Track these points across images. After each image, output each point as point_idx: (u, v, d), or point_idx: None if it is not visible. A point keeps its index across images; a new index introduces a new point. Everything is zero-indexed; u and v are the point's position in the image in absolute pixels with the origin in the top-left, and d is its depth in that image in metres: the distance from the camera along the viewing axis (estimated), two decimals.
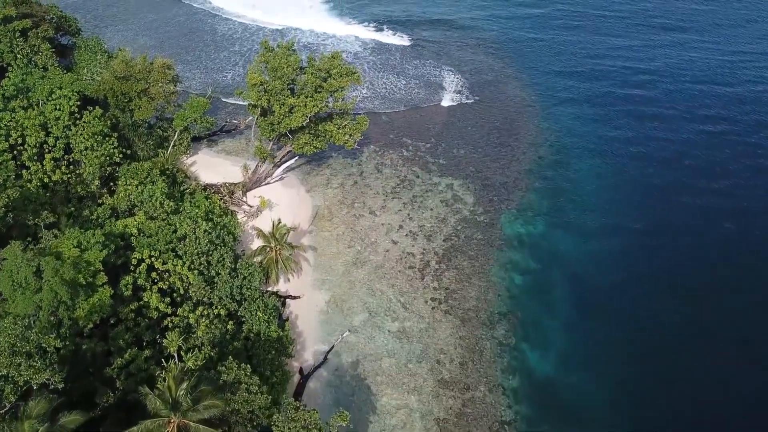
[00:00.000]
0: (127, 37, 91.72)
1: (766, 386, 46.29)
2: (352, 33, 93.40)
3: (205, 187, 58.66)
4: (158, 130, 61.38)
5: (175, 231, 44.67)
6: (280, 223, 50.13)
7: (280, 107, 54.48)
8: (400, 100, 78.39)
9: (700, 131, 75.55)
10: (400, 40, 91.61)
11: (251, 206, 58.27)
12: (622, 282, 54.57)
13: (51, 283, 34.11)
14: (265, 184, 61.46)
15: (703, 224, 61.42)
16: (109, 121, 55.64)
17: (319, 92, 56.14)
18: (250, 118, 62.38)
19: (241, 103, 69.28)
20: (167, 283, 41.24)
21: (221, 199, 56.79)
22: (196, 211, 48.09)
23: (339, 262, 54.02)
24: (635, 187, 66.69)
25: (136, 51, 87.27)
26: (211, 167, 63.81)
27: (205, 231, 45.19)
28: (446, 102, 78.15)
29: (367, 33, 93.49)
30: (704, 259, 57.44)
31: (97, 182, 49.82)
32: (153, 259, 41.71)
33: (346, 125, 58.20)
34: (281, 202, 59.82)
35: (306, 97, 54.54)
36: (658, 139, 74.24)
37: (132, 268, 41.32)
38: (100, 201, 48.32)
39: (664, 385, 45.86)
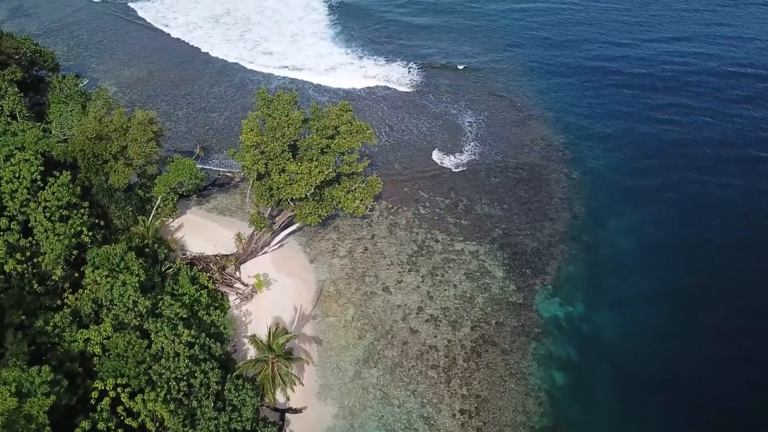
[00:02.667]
0: (113, 68, 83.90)
1: None
2: (362, 73, 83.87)
3: (192, 262, 50.37)
4: (138, 191, 53.18)
5: (149, 345, 36.32)
6: (277, 329, 41.88)
7: (280, 175, 46.21)
8: (413, 147, 70.08)
9: (755, 173, 67.16)
10: (412, 81, 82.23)
11: (245, 285, 49.94)
12: (672, 367, 46.28)
13: None
14: (263, 253, 53.16)
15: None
16: (79, 187, 47.55)
17: (326, 153, 47.95)
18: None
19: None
20: (136, 422, 32.85)
21: (210, 278, 48.46)
22: (177, 311, 39.69)
23: (348, 359, 45.62)
24: (682, 244, 58.27)
25: (122, 84, 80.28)
26: (200, 231, 55.60)
27: (187, 343, 36.82)
28: (466, 148, 69.80)
29: (376, 71, 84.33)
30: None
31: (60, 271, 41.44)
32: (119, 389, 33.33)
33: (355, 189, 49.98)
34: (280, 277, 51.54)
35: (311, 162, 46.25)
36: (703, 184, 65.82)
37: (92, 402, 32.97)
38: (59, 301, 39.88)
39: None
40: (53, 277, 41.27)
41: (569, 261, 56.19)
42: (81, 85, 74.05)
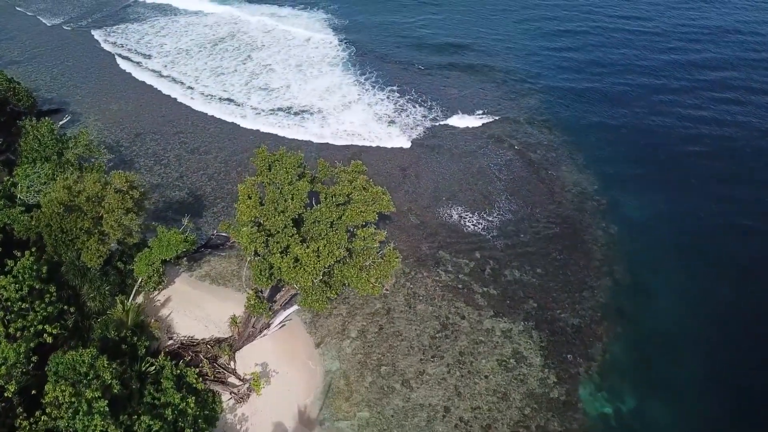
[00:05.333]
0: (98, 101, 76.64)
1: None
2: (375, 114, 74.99)
3: (179, 351, 42.97)
4: (118, 263, 45.82)
5: None
6: None
7: (282, 257, 38.77)
8: (431, 196, 62.67)
9: None
10: (425, 124, 74.12)
11: (241, 380, 42.46)
12: None
13: None
14: (261, 336, 45.68)
15: None
16: (44, 266, 40.19)
17: (336, 228, 40.55)
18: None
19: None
20: None
21: (200, 373, 40.98)
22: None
23: None
24: (738, 313, 50.92)
25: (108, 120, 72.81)
26: (190, 306, 48.23)
27: None
28: (490, 199, 62.42)
29: (387, 110, 76.43)
30: None
31: (13, 387, 33.94)
32: None
33: (369, 266, 42.43)
34: (281, 368, 44.09)
35: (318, 242, 38.77)
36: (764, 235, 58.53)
37: None
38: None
39: None
40: (5, 394, 33.81)
41: (614, 341, 48.77)
42: (62, 123, 67.16)
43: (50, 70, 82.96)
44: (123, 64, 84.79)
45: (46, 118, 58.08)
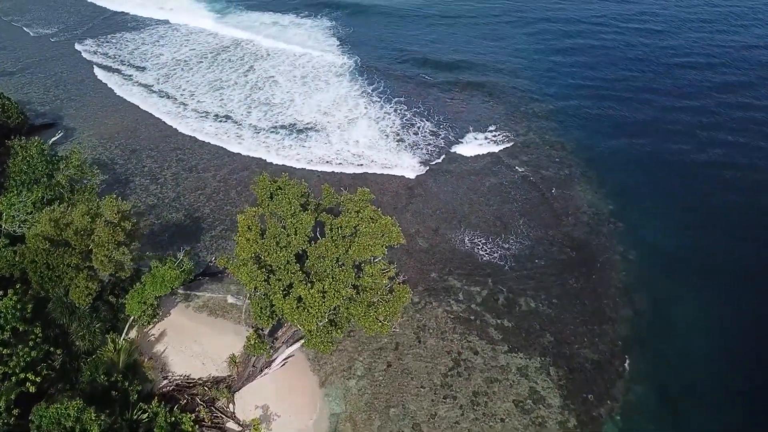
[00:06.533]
0: (94, 114, 74.71)
1: None
2: (382, 131, 71.55)
3: (173, 394, 40.15)
4: (109, 297, 43.01)
5: None
6: None
7: (285, 298, 35.94)
8: (439, 218, 59.89)
9: None
10: (432, 146, 71.45)
11: (240, 425, 39.61)
12: None
13: None
14: (262, 375, 42.84)
15: None
16: (29, 305, 37.42)
17: (342, 266, 37.72)
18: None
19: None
20: None
21: (196, 419, 38.13)
22: None
23: None
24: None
25: (103, 136, 70.08)
26: (187, 341, 45.44)
27: None
28: (501, 221, 59.64)
29: (397, 130, 73.24)
30: None
31: None
32: None
33: (377, 303, 39.55)
34: (283, 410, 41.23)
35: (323, 281, 35.93)
36: None
37: None
38: None
39: None
40: None
41: (637, 377, 45.82)
42: (54, 139, 64.59)
43: (43, 81, 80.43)
44: (118, 77, 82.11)
45: (36, 137, 55.40)
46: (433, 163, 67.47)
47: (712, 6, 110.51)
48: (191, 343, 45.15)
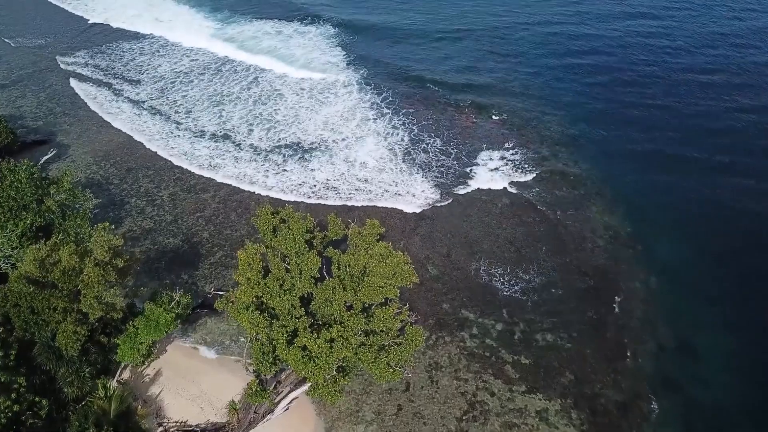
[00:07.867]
0: (89, 129, 72.14)
1: None
2: (390, 150, 68.02)
3: None
4: (100, 336, 40.11)
5: None
6: None
7: (288, 347, 33.09)
8: (449, 243, 56.98)
9: None
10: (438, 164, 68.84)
11: None
12: None
13: None
14: (264, 422, 39.99)
15: None
16: (14, 350, 34.60)
17: (352, 311, 34.88)
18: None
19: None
20: None
21: None
22: None
23: None
24: None
25: (98, 153, 67.27)
26: (184, 382, 42.61)
27: None
28: (515, 246, 56.73)
29: (405, 146, 70.13)
30: None
31: None
32: None
33: (389, 347, 36.69)
34: None
35: (331, 330, 33.09)
36: None
37: None
38: None
39: None
40: None
41: (664, 420, 42.94)
42: (46, 158, 61.84)
43: (36, 94, 77.69)
44: (112, 92, 79.22)
45: (26, 159, 52.45)
46: (442, 182, 64.54)
47: (739, 20, 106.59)
48: (189, 384, 42.31)
